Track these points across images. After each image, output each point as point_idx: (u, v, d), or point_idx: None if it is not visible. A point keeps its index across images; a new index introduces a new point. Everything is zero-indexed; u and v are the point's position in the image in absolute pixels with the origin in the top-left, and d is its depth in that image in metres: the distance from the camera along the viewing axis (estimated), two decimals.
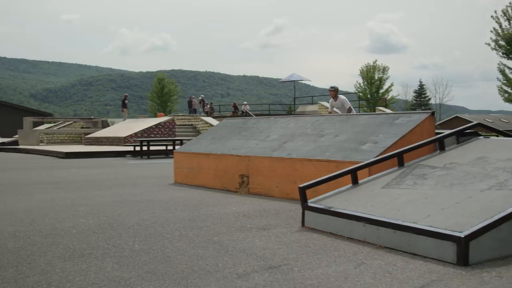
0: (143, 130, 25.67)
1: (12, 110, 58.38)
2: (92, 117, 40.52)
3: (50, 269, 3.54)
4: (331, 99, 14.58)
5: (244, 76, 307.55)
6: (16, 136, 32.12)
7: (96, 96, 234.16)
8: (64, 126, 35.05)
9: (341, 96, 14.52)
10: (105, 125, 33.31)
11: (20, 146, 26.74)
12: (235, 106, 47.94)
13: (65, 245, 4.26)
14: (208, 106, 44.65)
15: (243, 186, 7.59)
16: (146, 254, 3.95)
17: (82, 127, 34.14)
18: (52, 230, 4.94)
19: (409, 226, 3.92)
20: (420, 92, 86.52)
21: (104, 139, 26.12)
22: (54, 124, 37.59)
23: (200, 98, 44.70)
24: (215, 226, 5.08)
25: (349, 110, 14.22)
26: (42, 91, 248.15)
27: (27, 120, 30.15)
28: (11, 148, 26.66)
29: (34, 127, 32.34)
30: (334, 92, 14.42)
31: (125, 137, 24.34)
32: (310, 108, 40.47)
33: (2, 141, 31.41)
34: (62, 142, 30.98)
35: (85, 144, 27.44)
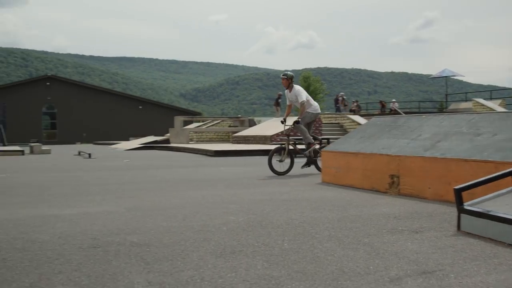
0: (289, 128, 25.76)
1: (164, 110, 61.56)
2: (239, 115, 41.61)
3: (203, 265, 3.61)
4: (286, 90, 12.02)
5: (392, 72, 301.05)
6: (168, 134, 33.61)
7: (242, 95, 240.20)
8: (212, 125, 36.26)
9: (296, 87, 11.83)
10: (251, 123, 34.03)
11: (172, 144, 27.95)
12: (382, 104, 47.11)
13: (216, 242, 4.33)
14: (355, 104, 44.15)
15: (393, 187, 7.38)
16: (295, 253, 3.92)
17: (229, 126, 35.16)
18: (203, 226, 5.06)
19: None
20: None
21: (251, 138, 26.64)
22: (202, 123, 39.00)
23: (340, 96, 44.22)
24: (365, 227, 4.96)
25: (302, 104, 11.65)
26: (191, 91, 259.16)
27: (178, 119, 31.47)
28: (163, 146, 27.96)
29: (184, 126, 33.70)
30: (286, 81, 11.76)
31: (271, 136, 24.64)
32: (463, 105, 38.92)
33: (155, 139, 32.94)
34: (210, 141, 32.02)
35: (233, 143, 28.16)
